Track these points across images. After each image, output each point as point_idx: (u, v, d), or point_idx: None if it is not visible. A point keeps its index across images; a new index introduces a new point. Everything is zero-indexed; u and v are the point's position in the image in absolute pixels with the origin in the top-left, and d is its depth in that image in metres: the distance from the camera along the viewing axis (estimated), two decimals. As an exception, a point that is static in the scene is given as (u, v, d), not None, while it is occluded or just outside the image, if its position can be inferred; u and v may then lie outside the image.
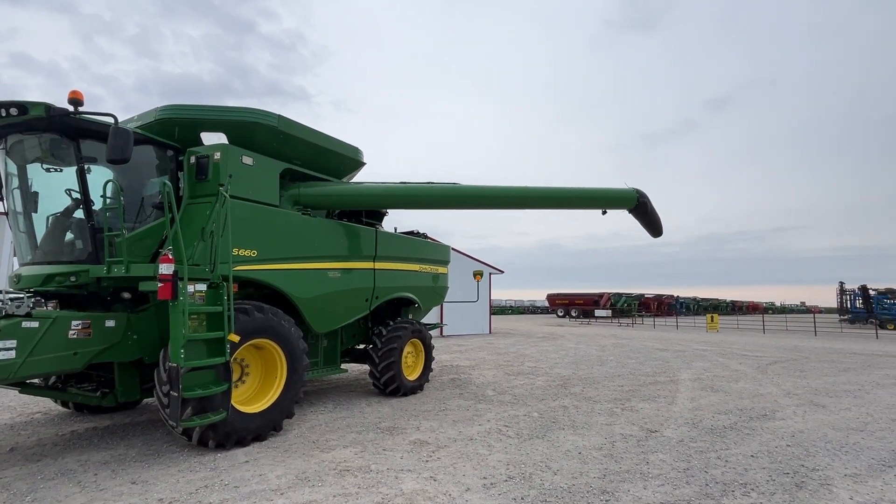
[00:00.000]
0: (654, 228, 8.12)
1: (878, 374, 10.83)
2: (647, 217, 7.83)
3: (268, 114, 6.00)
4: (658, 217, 8.01)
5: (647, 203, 7.66)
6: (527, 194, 7.43)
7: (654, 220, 7.98)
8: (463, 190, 7.25)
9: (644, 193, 7.67)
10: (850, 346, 19.41)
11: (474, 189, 7.35)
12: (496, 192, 7.38)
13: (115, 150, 4.37)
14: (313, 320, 6.46)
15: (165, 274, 4.31)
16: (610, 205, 7.61)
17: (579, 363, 12.39)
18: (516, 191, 7.42)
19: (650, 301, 60.55)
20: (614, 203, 7.62)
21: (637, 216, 7.88)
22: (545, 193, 7.46)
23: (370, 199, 7.27)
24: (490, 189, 7.42)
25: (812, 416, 6.63)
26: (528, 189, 7.47)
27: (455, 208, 7.45)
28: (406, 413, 6.62)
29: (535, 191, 7.48)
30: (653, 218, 7.90)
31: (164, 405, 4.53)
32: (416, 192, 7.20)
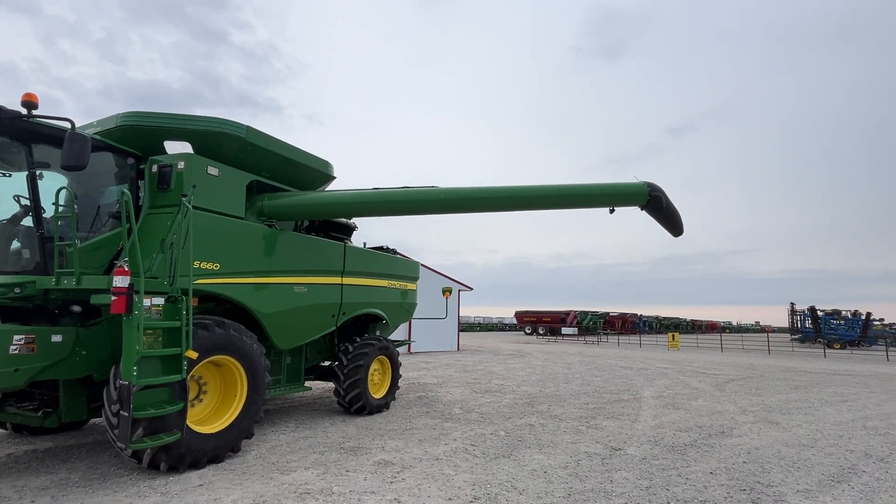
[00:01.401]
0: (672, 226, 7.14)
1: (826, 392, 11.34)
2: (662, 214, 6.89)
3: (236, 124, 5.88)
4: (677, 214, 7.05)
5: (661, 198, 6.71)
6: (520, 194, 6.64)
7: (672, 218, 7.02)
8: (443, 193, 6.60)
9: (658, 187, 6.74)
10: (800, 364, 20.30)
11: (456, 191, 6.65)
12: (481, 194, 6.60)
13: (70, 156, 4.18)
14: (277, 336, 6.28)
15: (120, 287, 4.11)
16: (617, 202, 6.71)
17: (546, 381, 12.47)
18: (506, 191, 6.62)
19: (615, 319, 61.84)
20: (622, 199, 6.69)
21: (651, 213, 6.91)
22: (542, 192, 6.65)
23: (339, 206, 6.80)
24: (474, 190, 6.66)
25: (766, 434, 6.86)
26: (522, 189, 6.67)
27: (435, 213, 6.81)
28: (371, 432, 6.47)
29: (530, 190, 6.67)
30: (670, 215, 6.95)
31: (112, 426, 4.27)
32: (391, 198, 6.63)
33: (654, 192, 6.67)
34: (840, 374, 16.22)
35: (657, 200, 6.69)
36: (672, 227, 7.16)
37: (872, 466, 5.39)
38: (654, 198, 6.67)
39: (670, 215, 6.95)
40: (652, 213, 6.89)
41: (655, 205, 6.72)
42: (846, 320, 39.61)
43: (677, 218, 7.08)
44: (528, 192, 6.66)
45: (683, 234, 7.27)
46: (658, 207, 6.76)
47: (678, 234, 7.32)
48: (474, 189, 6.68)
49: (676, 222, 7.12)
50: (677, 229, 7.22)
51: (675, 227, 7.19)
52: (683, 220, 7.12)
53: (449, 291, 10.52)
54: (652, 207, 6.77)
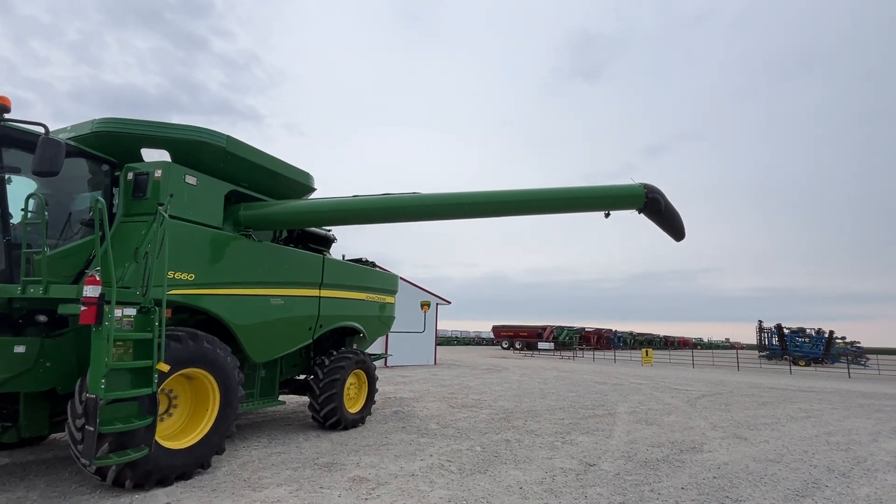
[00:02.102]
0: (673, 230, 6.79)
1: (791, 408, 11.69)
2: (662, 218, 6.55)
3: (216, 133, 5.83)
4: (678, 217, 6.72)
5: (659, 200, 6.37)
6: (509, 198, 6.34)
7: (673, 221, 6.68)
8: (427, 199, 6.32)
9: (656, 189, 6.43)
10: (768, 380, 20.87)
11: (441, 197, 6.33)
12: (467, 199, 6.29)
13: (43, 161, 4.09)
14: (252, 349, 6.17)
15: (91, 297, 4.00)
16: (612, 205, 6.38)
17: (522, 396, 12.51)
18: (495, 195, 6.32)
19: (590, 335, 62.57)
20: (617, 203, 6.38)
21: (650, 217, 6.58)
22: (532, 196, 6.39)
23: (317, 215, 6.58)
24: (461, 195, 6.33)
25: (735, 449, 7.02)
26: (511, 192, 6.41)
27: (418, 219, 6.57)
28: (346, 448, 6.38)
29: (520, 194, 6.40)
30: (670, 218, 6.61)
31: (76, 441, 4.11)
32: (371, 205, 6.39)
33: (652, 194, 6.34)
34: (805, 390, 16.74)
35: (655, 203, 6.35)
36: (673, 230, 6.79)
37: (835, 481, 5.57)
38: (651, 200, 6.32)
39: (671, 218, 6.61)
40: (651, 216, 6.56)
41: (653, 207, 6.37)
42: (810, 338, 41.00)
43: (678, 221, 6.73)
44: (518, 197, 6.37)
45: (685, 237, 6.88)
46: (657, 210, 6.42)
47: (680, 239, 6.94)
48: (460, 194, 6.35)
49: (677, 226, 6.75)
50: (679, 233, 6.85)
51: (676, 231, 6.81)
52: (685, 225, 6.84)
53: (427, 305, 10.53)
54: (650, 210, 6.43)
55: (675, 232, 6.83)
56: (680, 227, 6.79)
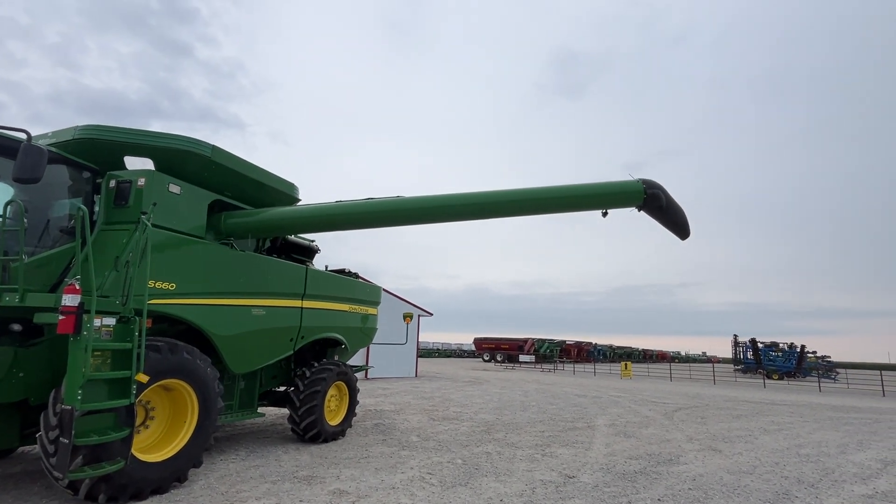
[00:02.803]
0: (677, 228, 6.46)
1: (765, 421, 11.97)
2: (664, 215, 6.23)
3: (201, 143, 5.82)
4: (681, 213, 6.38)
5: (659, 195, 6.05)
6: (499, 199, 6.08)
7: (676, 218, 6.34)
8: (412, 202, 6.18)
9: (656, 184, 6.11)
10: (742, 394, 21.30)
11: (427, 200, 6.17)
12: (453, 201, 6.11)
13: (24, 168, 4.04)
14: (232, 360, 6.10)
15: (69, 306, 3.94)
16: (608, 203, 6.13)
17: (503, 408, 12.54)
18: (483, 197, 6.07)
19: (571, 347, 62.96)
20: (615, 200, 6.12)
21: (651, 214, 6.25)
22: (525, 196, 6.14)
23: (297, 221, 6.47)
24: (446, 198, 6.15)
25: (710, 461, 7.17)
26: (502, 193, 6.15)
27: (403, 224, 6.44)
28: (326, 460, 6.33)
29: (511, 194, 6.16)
30: (673, 215, 6.28)
31: (48, 454, 4.01)
32: (354, 210, 6.25)
33: (651, 190, 6.03)
34: (777, 403, 17.14)
35: (655, 199, 6.04)
36: (677, 228, 6.44)
37: (804, 492, 5.74)
38: (650, 196, 6.03)
39: (673, 215, 6.27)
40: (651, 213, 6.23)
41: (653, 203, 6.06)
42: (783, 352, 42.02)
43: (681, 218, 6.38)
44: (510, 197, 6.12)
45: (690, 235, 6.52)
46: (657, 207, 6.09)
47: (685, 237, 6.59)
48: (448, 196, 6.14)
49: (681, 223, 6.41)
50: (683, 231, 6.49)
51: (679, 229, 6.46)
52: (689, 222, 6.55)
53: (409, 317, 10.56)
54: (650, 207, 6.11)
55: (679, 229, 6.48)
56: (683, 223, 6.45)
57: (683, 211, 6.41)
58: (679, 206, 6.34)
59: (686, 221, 6.46)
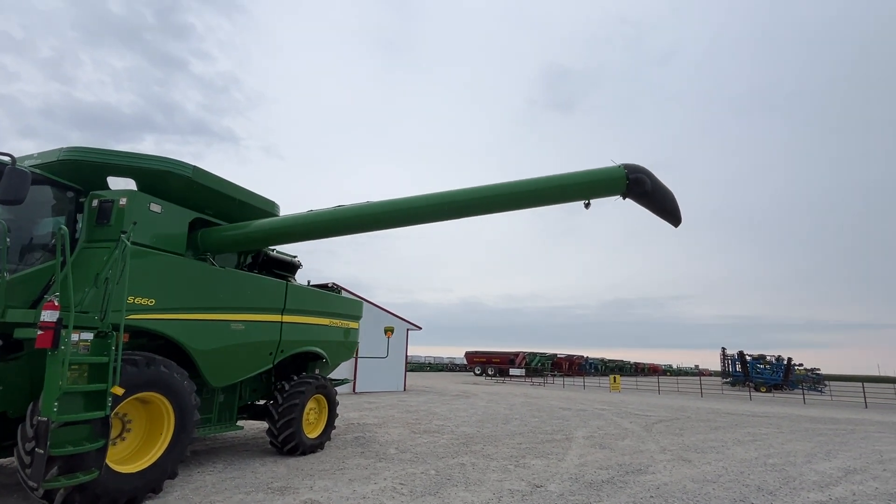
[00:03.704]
0: (667, 214, 6.13)
1: (741, 432, 12.20)
2: (651, 201, 5.92)
3: (182, 164, 6.07)
4: (670, 197, 6.03)
5: (643, 180, 5.75)
6: (471, 196, 5.97)
7: (665, 204, 6.00)
8: (381, 206, 6.14)
9: (639, 168, 5.80)
10: (727, 406, 21.54)
11: (395, 203, 6.14)
12: (424, 202, 6.02)
13: (8, 191, 4.26)
14: (210, 373, 6.26)
15: (48, 321, 4.13)
16: (589, 192, 5.87)
17: (486, 421, 12.69)
18: (455, 195, 5.96)
19: (562, 361, 63.12)
20: (596, 189, 5.86)
21: (638, 201, 5.95)
22: (499, 191, 5.96)
23: (270, 233, 6.51)
24: (416, 199, 6.07)
25: (678, 470, 7.38)
26: (474, 190, 6.03)
27: (374, 229, 6.44)
28: (301, 472, 6.47)
29: (484, 190, 5.99)
30: (661, 199, 5.94)
31: (24, 465, 4.16)
32: (324, 217, 6.31)
33: (634, 174, 5.72)
34: (759, 415, 17.39)
35: (639, 184, 5.74)
36: (666, 214, 6.11)
37: (762, 499, 5.96)
38: (633, 181, 5.73)
39: (661, 200, 5.94)
40: (638, 200, 5.92)
41: (637, 189, 5.76)
42: (771, 365, 42.44)
43: (670, 202, 6.05)
44: (484, 193, 5.98)
45: (682, 222, 6.23)
46: (642, 192, 5.79)
47: (677, 223, 6.25)
48: (417, 197, 6.04)
49: (669, 207, 6.07)
50: (674, 216, 6.17)
51: (669, 215, 6.13)
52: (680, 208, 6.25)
53: (391, 331, 10.72)
54: (634, 193, 5.83)
55: (669, 215, 6.16)
56: (673, 208, 6.12)
57: (673, 195, 6.07)
58: (668, 190, 6.00)
59: (676, 206, 6.12)
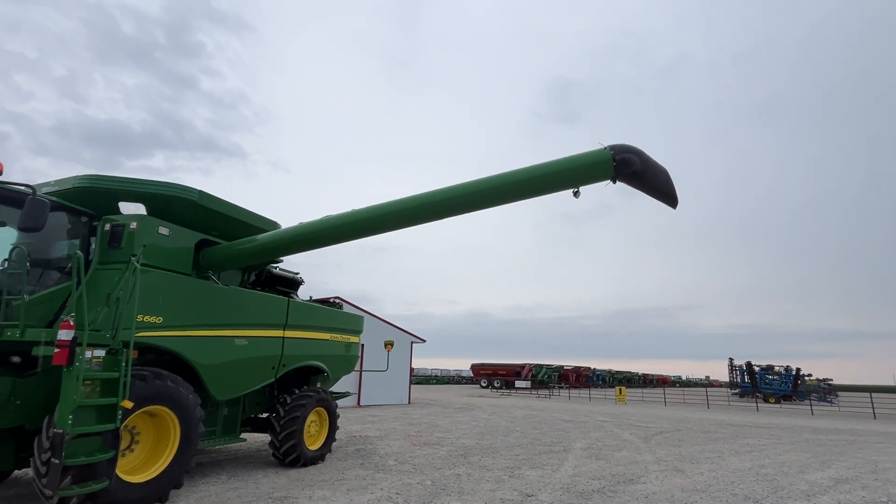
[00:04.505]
0: (661, 195, 5.78)
1: (740, 443, 12.27)
2: (642, 182, 5.58)
3: (189, 189, 6.43)
4: (664, 178, 5.70)
5: (632, 161, 5.42)
6: (453, 195, 5.90)
7: (658, 184, 5.65)
8: (364, 213, 6.29)
9: (627, 148, 5.49)
10: (731, 418, 21.48)
11: (376, 209, 6.24)
12: (405, 205, 6.06)
13: (29, 219, 4.63)
14: (214, 387, 6.56)
15: (63, 340, 4.46)
16: (577, 178, 5.64)
17: (486, 433, 12.85)
18: (437, 195, 5.93)
19: (569, 373, 62.79)
20: (583, 174, 5.62)
21: (630, 183, 5.64)
22: (480, 187, 5.84)
23: (262, 248, 6.70)
24: (396, 203, 6.13)
25: (669, 480, 7.54)
26: (455, 188, 5.95)
27: (361, 236, 6.51)
28: (302, 483, 6.71)
29: (466, 187, 5.89)
30: (653, 181, 5.60)
31: (41, 474, 4.45)
32: (310, 228, 6.54)
33: (621, 155, 5.41)
34: (762, 426, 17.37)
35: (627, 164, 5.40)
36: (661, 195, 5.77)
37: (748, 508, 6.12)
38: (621, 162, 5.41)
39: (653, 180, 5.59)
40: (629, 182, 5.60)
41: (625, 170, 5.44)
42: (779, 375, 42.07)
43: (664, 182, 5.70)
44: (466, 190, 5.89)
45: (678, 203, 5.87)
46: (631, 173, 5.46)
47: (674, 204, 5.88)
48: (398, 201, 6.14)
49: (664, 187, 5.71)
50: (669, 197, 5.80)
51: (664, 195, 5.78)
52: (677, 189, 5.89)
53: (391, 344, 10.97)
54: (624, 175, 5.51)
55: (664, 196, 5.79)
56: (667, 188, 5.75)
57: (667, 174, 5.75)
58: (661, 168, 5.69)
59: (671, 186, 5.78)
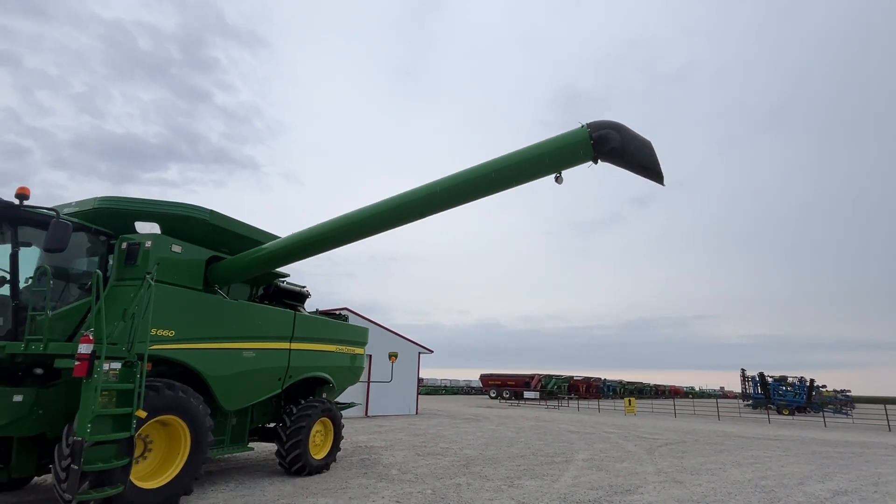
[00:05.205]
0: (647, 171, 5.40)
1: (744, 455, 12.26)
2: (624, 158, 5.27)
3: (200, 209, 6.79)
4: (647, 153, 5.32)
5: (610, 137, 5.16)
6: (428, 193, 5.96)
7: (641, 160, 5.31)
8: (347, 218, 6.49)
9: (605, 123, 5.25)
10: (741, 429, 21.30)
11: (358, 213, 6.43)
12: (384, 207, 6.24)
13: (53, 240, 4.99)
14: (223, 398, 6.85)
15: (83, 353, 4.78)
16: (556, 162, 5.41)
17: (490, 444, 12.98)
18: (414, 195, 6.04)
19: (579, 383, 62.32)
20: (561, 156, 5.39)
21: (612, 161, 5.37)
22: (455, 182, 5.84)
23: (259, 260, 6.91)
24: (376, 206, 6.31)
25: (666, 491, 7.65)
26: (429, 186, 5.98)
27: (350, 241, 6.71)
28: (306, 490, 6.95)
29: (440, 184, 5.91)
30: (636, 156, 5.27)
31: (60, 480, 4.75)
32: (301, 238, 6.78)
33: (598, 132, 5.16)
34: (770, 438, 17.25)
35: (605, 141, 5.14)
36: (645, 171, 5.40)
37: (741, 518, 6.23)
38: (598, 139, 5.15)
39: (636, 155, 5.26)
40: (612, 160, 5.34)
41: (604, 148, 5.18)
42: (793, 386, 41.45)
43: (647, 157, 5.33)
44: (441, 186, 5.88)
45: (664, 178, 5.49)
46: (610, 150, 5.20)
47: (660, 179, 5.46)
48: (378, 204, 6.31)
49: (647, 163, 5.33)
50: (654, 172, 5.41)
51: (650, 171, 5.40)
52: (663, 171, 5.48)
53: (395, 356, 11.20)
54: (603, 153, 5.25)
55: (650, 172, 5.42)
56: (651, 163, 5.37)
57: (650, 147, 5.40)
58: (644, 142, 5.37)
59: (655, 161, 5.40)
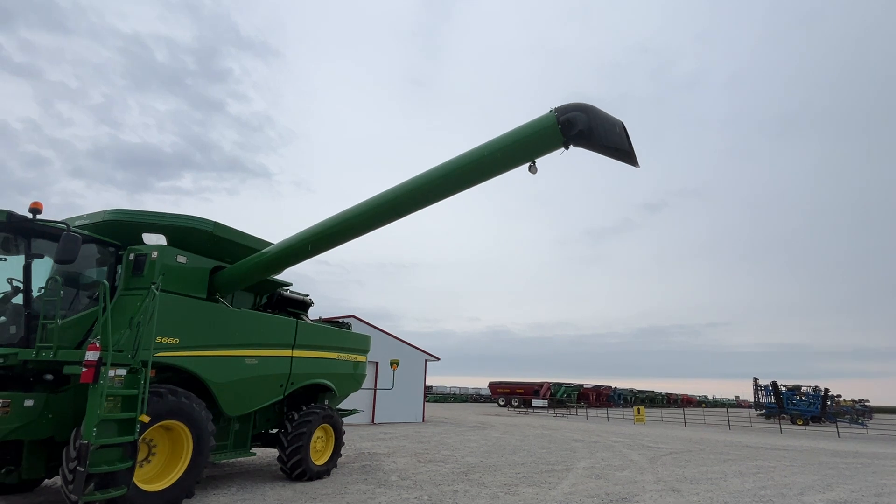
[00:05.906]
0: (618, 153, 5.26)
1: (747, 465, 12.18)
2: (592, 141, 5.13)
3: (205, 221, 7.05)
4: (616, 132, 5.17)
5: (577, 120, 5.03)
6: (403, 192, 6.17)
7: (611, 140, 5.14)
8: (334, 220, 6.76)
9: (572, 106, 5.13)
10: (750, 439, 21.04)
11: (344, 214, 6.70)
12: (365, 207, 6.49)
13: (64, 252, 5.25)
14: (226, 404, 7.06)
15: (91, 360, 5.01)
16: (527, 150, 5.31)
17: (492, 452, 13.04)
18: (390, 195, 6.28)
19: (589, 392, 61.79)
20: (531, 145, 5.28)
21: (583, 146, 5.23)
22: (429, 178, 5.95)
23: (256, 266, 7.16)
24: (359, 207, 6.55)
25: (663, 500, 7.68)
26: (404, 185, 6.20)
27: (341, 243, 6.97)
28: (306, 495, 7.11)
29: (414, 182, 6.09)
30: (605, 137, 5.11)
31: (67, 482, 4.97)
32: (292, 243, 7.02)
33: (565, 116, 5.04)
34: (778, 448, 17.04)
35: (571, 125, 5.00)
36: (616, 152, 5.24)
37: (734, 527, 6.25)
38: (565, 123, 5.03)
39: (605, 136, 5.09)
40: (582, 144, 5.19)
41: (571, 131, 5.04)
42: (807, 396, 40.72)
43: (617, 137, 5.17)
44: (415, 184, 6.05)
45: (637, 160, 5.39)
46: (578, 134, 5.04)
47: (632, 160, 5.35)
48: (361, 205, 6.54)
49: (617, 143, 5.17)
50: (625, 154, 5.26)
51: (621, 153, 5.24)
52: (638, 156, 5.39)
53: (396, 363, 11.35)
54: (571, 137, 5.09)
55: (621, 153, 5.26)
56: (622, 146, 5.21)
57: (621, 127, 5.26)
58: (613, 122, 5.22)
59: (625, 141, 5.25)
